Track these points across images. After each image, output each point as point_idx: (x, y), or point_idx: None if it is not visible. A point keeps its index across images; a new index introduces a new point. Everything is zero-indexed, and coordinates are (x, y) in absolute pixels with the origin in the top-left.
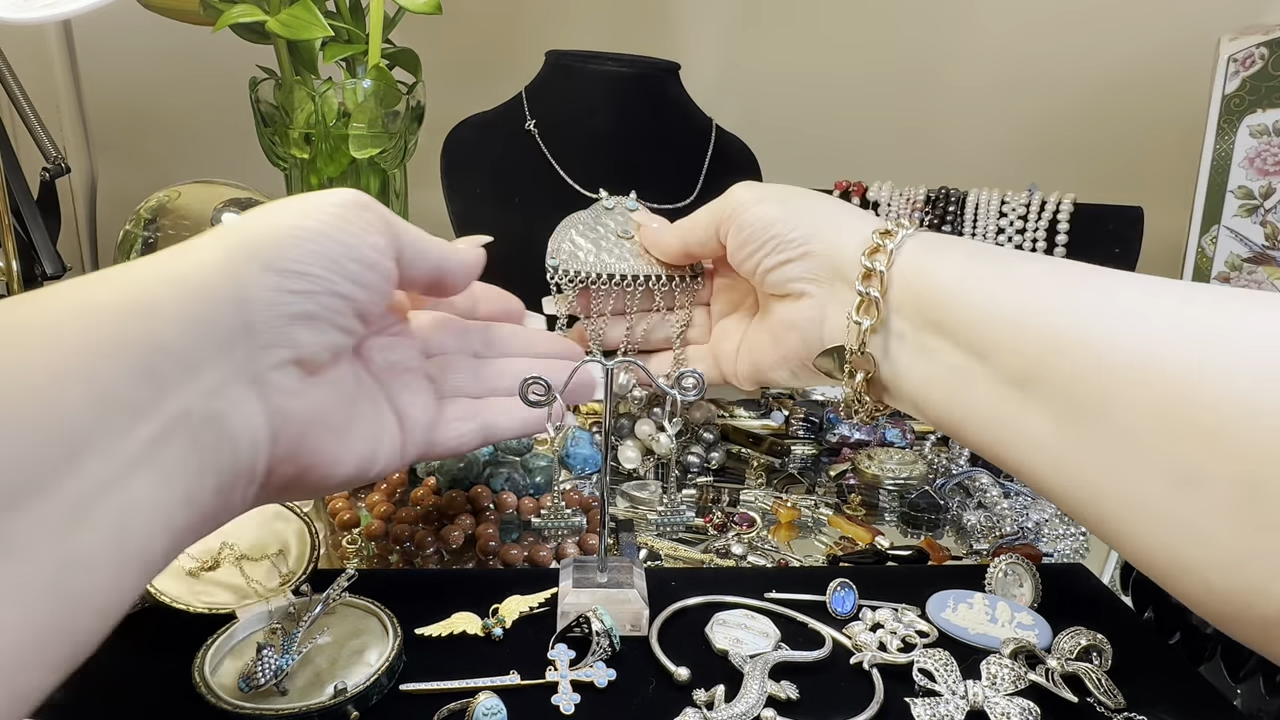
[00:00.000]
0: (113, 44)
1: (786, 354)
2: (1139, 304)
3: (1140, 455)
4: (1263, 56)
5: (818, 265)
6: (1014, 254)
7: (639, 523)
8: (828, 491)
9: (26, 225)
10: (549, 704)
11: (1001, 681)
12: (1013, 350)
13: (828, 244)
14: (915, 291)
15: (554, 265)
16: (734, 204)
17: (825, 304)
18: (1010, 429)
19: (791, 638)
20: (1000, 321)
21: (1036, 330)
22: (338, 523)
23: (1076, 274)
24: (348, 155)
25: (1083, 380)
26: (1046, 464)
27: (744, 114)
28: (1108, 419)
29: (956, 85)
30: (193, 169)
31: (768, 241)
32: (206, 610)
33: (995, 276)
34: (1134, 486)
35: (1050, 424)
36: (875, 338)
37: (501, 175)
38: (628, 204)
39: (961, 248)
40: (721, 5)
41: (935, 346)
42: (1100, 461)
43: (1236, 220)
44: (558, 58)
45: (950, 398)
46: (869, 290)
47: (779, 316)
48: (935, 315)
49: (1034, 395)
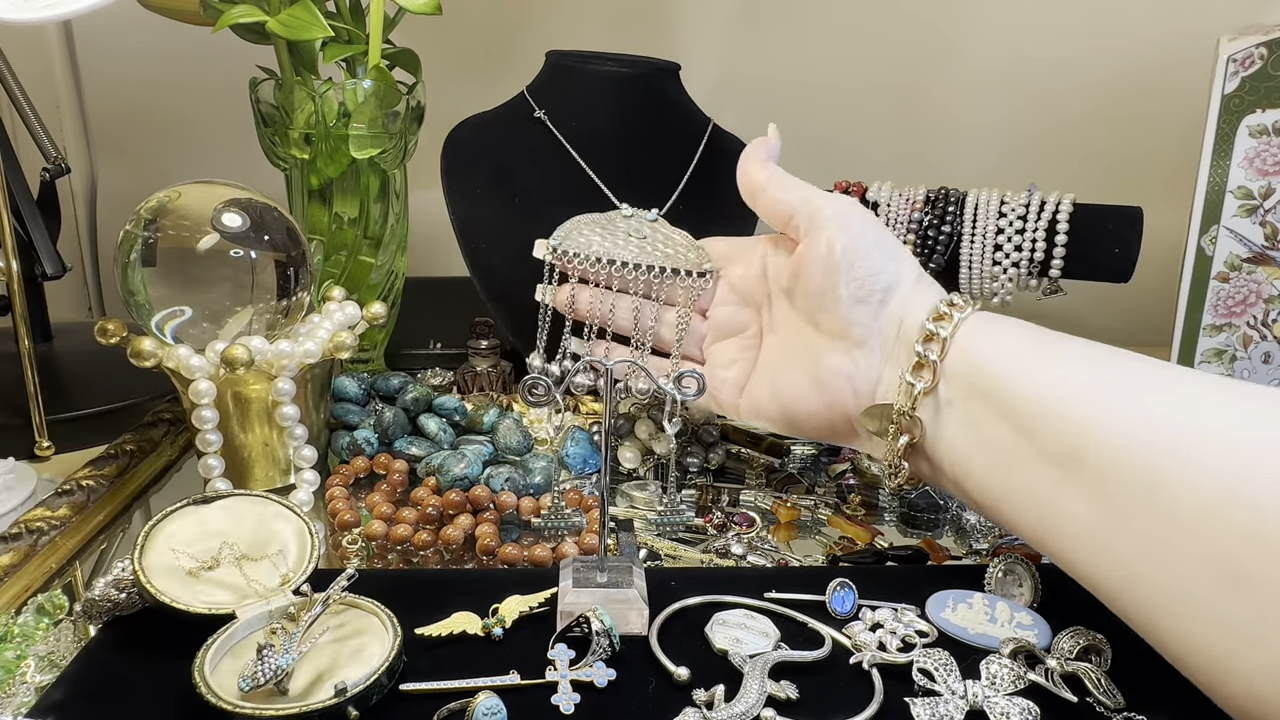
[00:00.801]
0: (113, 44)
1: (831, 402)
2: (1198, 396)
3: (1187, 548)
4: (1262, 56)
5: (889, 318)
6: (1074, 338)
7: (639, 522)
8: (827, 491)
9: (26, 225)
10: (549, 704)
11: (1001, 681)
12: (1060, 429)
13: (904, 300)
14: (972, 362)
15: (555, 244)
16: (837, 211)
17: (884, 362)
18: (1050, 507)
19: (791, 638)
20: (1051, 399)
21: (1087, 409)
22: (338, 523)
23: (1137, 361)
24: (348, 155)
25: (1130, 465)
26: (1086, 546)
27: (743, 114)
28: (1155, 507)
29: (956, 85)
30: (193, 169)
31: (858, 269)
32: (206, 610)
33: (1054, 354)
34: (1178, 579)
35: (1090, 508)
36: (926, 402)
37: (504, 174)
38: (647, 216)
39: (1024, 328)
40: (721, 5)
41: (982, 419)
42: (1143, 549)
43: (1236, 220)
44: (558, 58)
45: (991, 472)
46: (928, 353)
47: (830, 363)
48: (987, 388)
49: (1076, 477)
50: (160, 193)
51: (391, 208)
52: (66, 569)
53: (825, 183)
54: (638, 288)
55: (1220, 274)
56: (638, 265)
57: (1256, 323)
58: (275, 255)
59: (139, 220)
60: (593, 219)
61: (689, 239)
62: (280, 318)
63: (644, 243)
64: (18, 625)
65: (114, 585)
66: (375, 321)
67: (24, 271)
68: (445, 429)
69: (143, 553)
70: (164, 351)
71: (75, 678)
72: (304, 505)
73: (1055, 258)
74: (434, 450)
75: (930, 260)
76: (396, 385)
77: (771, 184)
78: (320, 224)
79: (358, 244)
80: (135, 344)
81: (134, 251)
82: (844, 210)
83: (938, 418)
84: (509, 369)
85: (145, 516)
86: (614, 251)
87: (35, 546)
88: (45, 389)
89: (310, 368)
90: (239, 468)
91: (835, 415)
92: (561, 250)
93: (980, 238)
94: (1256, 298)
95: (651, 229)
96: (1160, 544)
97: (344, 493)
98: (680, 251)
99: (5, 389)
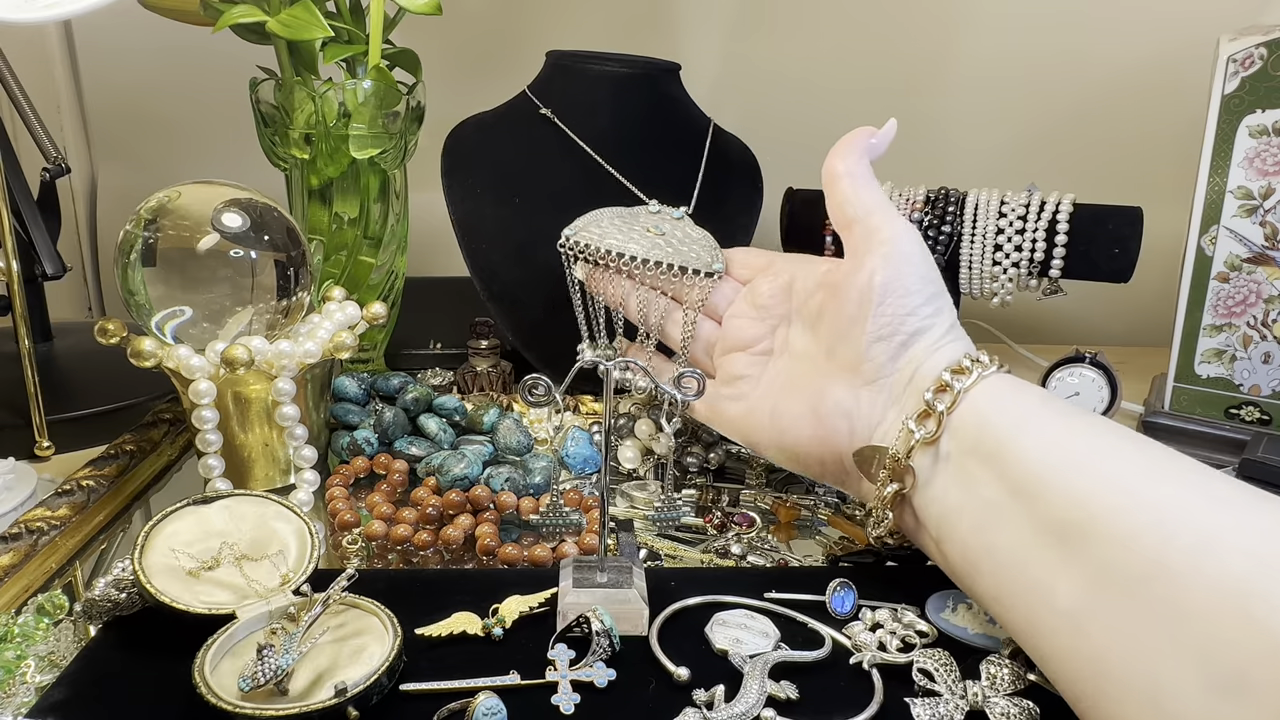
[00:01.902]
0: (113, 44)
1: (825, 438)
2: (1216, 491)
3: (1176, 642)
4: (1262, 57)
5: (906, 361)
6: (1093, 415)
7: (639, 522)
8: (828, 491)
9: (26, 225)
10: (549, 704)
11: (1001, 681)
12: (1064, 498)
13: (926, 348)
14: (981, 418)
15: (569, 235)
16: (896, 235)
17: (889, 405)
18: (1030, 581)
19: (791, 638)
20: (1059, 466)
21: (1097, 484)
22: (338, 523)
23: (1154, 446)
24: (348, 155)
25: (1135, 549)
26: (1060, 629)
27: (743, 114)
28: (1150, 596)
29: (956, 85)
30: (193, 169)
31: (889, 305)
32: (206, 610)
33: (1069, 424)
34: (1159, 678)
35: (1078, 587)
36: (924, 451)
37: (505, 174)
38: (673, 213)
39: (1039, 393)
40: (721, 5)
41: (978, 476)
42: (1126, 642)
43: (1236, 220)
44: (559, 58)
45: (975, 533)
46: (937, 403)
47: (831, 396)
48: (991, 445)
49: (1071, 551)
50: (160, 193)
51: (391, 208)
52: (66, 569)
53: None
54: (647, 283)
55: (1220, 274)
56: (645, 260)
57: (1256, 323)
58: (275, 255)
59: (139, 220)
60: (616, 212)
61: (709, 239)
62: (280, 318)
63: (660, 239)
64: (18, 625)
65: (114, 585)
66: (375, 321)
67: (24, 271)
68: (445, 429)
69: (143, 553)
70: (164, 351)
71: (75, 678)
72: (304, 505)
73: (1055, 258)
74: (434, 450)
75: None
76: (396, 385)
77: (849, 178)
78: (320, 224)
79: (358, 244)
80: (135, 344)
81: (134, 251)
82: (899, 238)
83: (933, 470)
84: (509, 369)
85: (145, 516)
86: (625, 245)
87: (35, 546)
88: (45, 389)
89: (310, 368)
90: (239, 468)
91: (827, 451)
92: (573, 242)
93: (980, 238)
94: (1256, 298)
95: (673, 225)
96: (1148, 639)
97: (344, 493)
98: (695, 250)
99: (5, 389)
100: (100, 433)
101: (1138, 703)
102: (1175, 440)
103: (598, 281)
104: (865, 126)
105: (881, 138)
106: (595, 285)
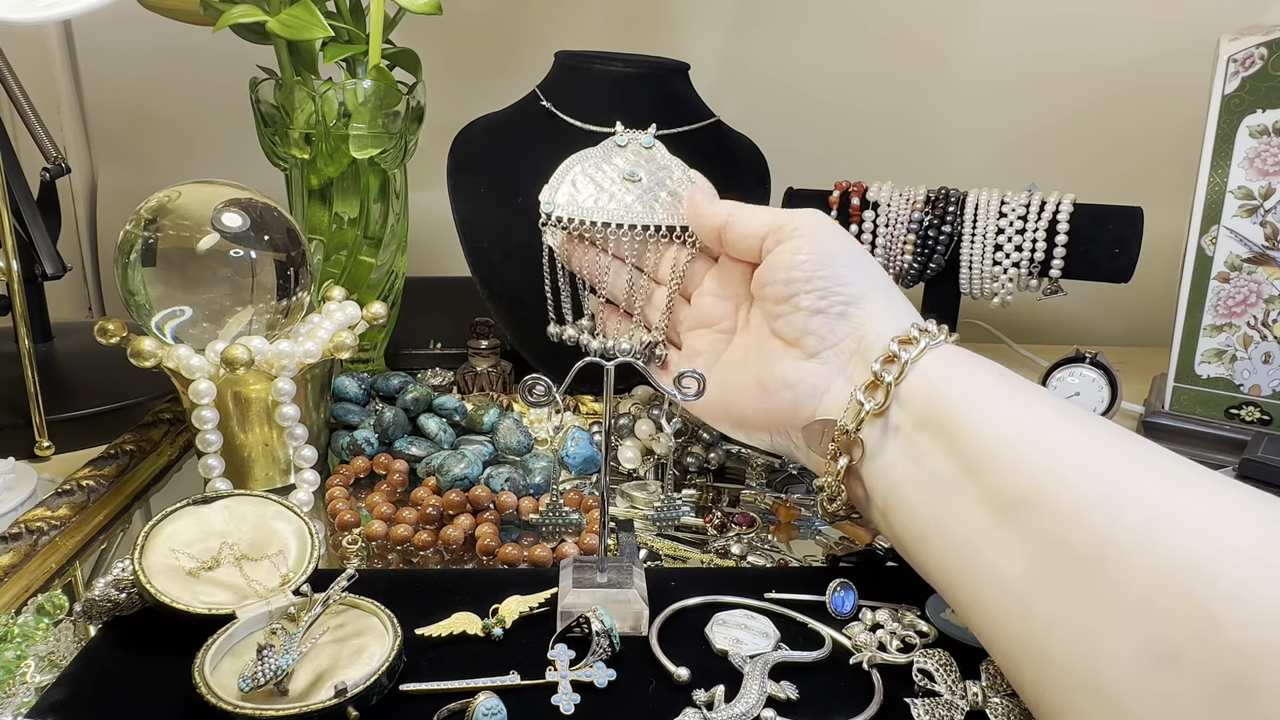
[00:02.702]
0: (113, 44)
1: (771, 411)
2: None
3: (1119, 621)
4: (1262, 57)
5: (848, 332)
6: (1048, 392)
7: (639, 522)
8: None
9: (26, 225)
10: (549, 704)
11: (1001, 682)
12: (1012, 473)
13: (867, 316)
14: (930, 389)
15: (548, 211)
16: (805, 222)
17: (834, 376)
18: (977, 557)
19: (791, 638)
20: (1009, 440)
21: (1047, 459)
22: (338, 523)
23: (1108, 426)
24: (348, 155)
25: (1082, 527)
26: (1002, 607)
27: (744, 114)
28: (1096, 573)
29: (956, 85)
30: (193, 169)
31: (819, 280)
32: (206, 610)
33: (1022, 399)
34: (1097, 655)
35: (1023, 562)
36: (873, 424)
37: (510, 173)
38: (643, 140)
39: (993, 367)
40: (721, 5)
41: (928, 449)
42: (1068, 620)
43: (1236, 220)
44: (566, 58)
45: (922, 506)
46: (884, 374)
47: (778, 369)
48: (940, 417)
49: (1019, 527)
50: (160, 193)
51: (391, 208)
52: (66, 569)
53: (826, 182)
54: (632, 249)
55: (1220, 274)
56: (632, 226)
57: (1256, 323)
58: (275, 255)
59: (139, 220)
60: (587, 157)
61: (682, 166)
62: (280, 318)
63: (638, 187)
64: (18, 625)
65: (114, 585)
66: (375, 321)
67: (24, 271)
68: (445, 429)
69: (143, 553)
70: (164, 351)
71: (75, 678)
72: (304, 505)
73: (1055, 258)
74: (434, 450)
75: (930, 260)
76: (396, 385)
77: (734, 217)
78: (320, 224)
79: (358, 244)
80: (135, 344)
81: (134, 251)
82: (813, 220)
83: (881, 441)
84: (509, 369)
85: (145, 516)
86: (608, 212)
87: (35, 546)
88: (45, 389)
89: (310, 368)
90: (239, 468)
91: (774, 422)
92: (555, 218)
93: (980, 238)
94: (1256, 298)
95: (647, 161)
96: (1089, 617)
97: (344, 493)
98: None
99: (5, 389)
100: (100, 433)
101: (1076, 686)
102: (1175, 440)
103: (574, 254)
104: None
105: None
106: (572, 258)
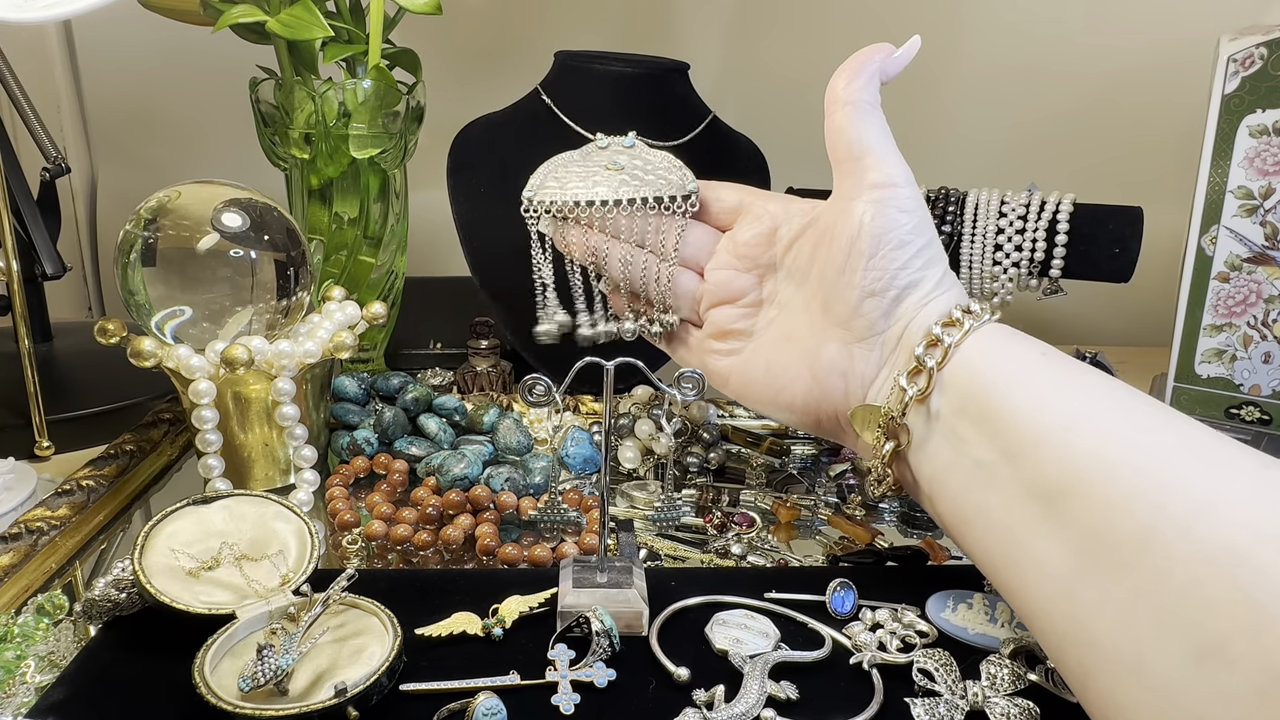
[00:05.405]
0: (113, 44)
1: (822, 396)
2: (1221, 455)
3: (1163, 611)
4: (1262, 56)
5: (897, 319)
6: (1090, 369)
7: (639, 522)
8: (827, 491)
9: (26, 225)
10: (549, 704)
11: (1001, 682)
12: (1054, 461)
13: (916, 303)
14: (972, 374)
15: (529, 197)
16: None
17: (882, 363)
18: (1022, 545)
19: (791, 638)
20: (1050, 427)
21: (1090, 445)
22: (338, 523)
23: (1152, 405)
24: (348, 155)
25: (1126, 515)
26: (1047, 594)
27: (745, 114)
28: (1140, 562)
29: (956, 85)
30: (193, 169)
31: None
32: (206, 610)
33: (1065, 381)
34: (1142, 643)
35: (1066, 551)
36: (916, 409)
37: (511, 173)
38: (623, 142)
39: (1035, 345)
40: (722, 6)
41: (968, 436)
42: (1112, 609)
43: (1236, 220)
44: (567, 58)
45: (965, 493)
46: (927, 359)
47: (827, 353)
48: (981, 403)
49: (1061, 515)
50: (160, 193)
51: (391, 208)
52: (66, 569)
53: (826, 182)
54: (624, 228)
55: (1220, 274)
56: (619, 201)
57: (1256, 323)
58: (275, 255)
59: (139, 220)
60: (569, 158)
61: (669, 158)
62: (280, 318)
63: (621, 174)
64: (18, 625)
65: (114, 585)
66: (375, 321)
67: (24, 271)
68: (445, 429)
69: (143, 553)
70: (164, 351)
71: (75, 678)
72: (304, 505)
73: (1055, 258)
74: (434, 450)
75: None
76: (396, 385)
77: (849, 107)
78: (320, 224)
79: (358, 244)
80: (135, 344)
81: (134, 251)
82: (892, 183)
83: (926, 428)
84: (509, 369)
85: (145, 516)
86: (592, 191)
87: (35, 546)
88: (45, 389)
89: (310, 368)
90: (239, 468)
91: (823, 410)
92: (537, 203)
93: (980, 238)
94: (1256, 298)
95: (629, 156)
96: (1134, 606)
97: (344, 493)
98: (661, 175)
99: (5, 389)
100: (100, 433)
101: (1123, 672)
102: None
103: (568, 239)
104: (882, 44)
105: (898, 58)
106: (566, 244)
